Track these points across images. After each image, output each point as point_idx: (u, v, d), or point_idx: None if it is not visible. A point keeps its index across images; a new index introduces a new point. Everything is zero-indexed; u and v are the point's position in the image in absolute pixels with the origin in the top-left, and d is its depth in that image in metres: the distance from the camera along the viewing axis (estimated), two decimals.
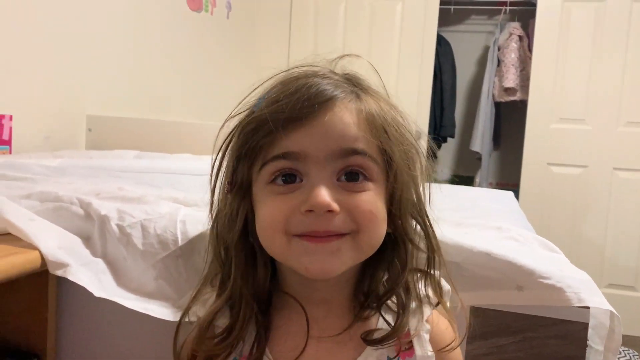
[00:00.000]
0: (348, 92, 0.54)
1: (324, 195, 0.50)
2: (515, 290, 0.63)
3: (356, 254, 0.52)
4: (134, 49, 2.14)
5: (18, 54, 1.60)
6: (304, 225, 0.51)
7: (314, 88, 0.53)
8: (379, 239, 0.53)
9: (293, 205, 0.51)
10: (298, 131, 0.52)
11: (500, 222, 0.83)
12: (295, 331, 0.56)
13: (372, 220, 0.51)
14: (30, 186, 0.88)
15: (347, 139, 0.52)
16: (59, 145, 1.76)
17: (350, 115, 0.53)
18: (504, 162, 3.79)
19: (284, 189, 0.52)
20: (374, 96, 0.57)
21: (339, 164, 0.52)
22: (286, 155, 0.52)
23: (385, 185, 0.54)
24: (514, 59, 3.25)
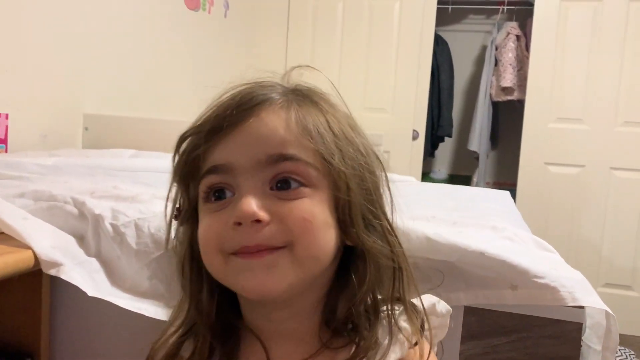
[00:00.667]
0: (279, 97, 0.51)
1: (249, 204, 0.46)
2: (509, 290, 0.63)
3: (297, 268, 0.47)
4: (131, 47, 2.13)
5: (15, 52, 1.59)
6: (235, 241, 0.47)
7: (239, 97, 0.50)
8: (320, 250, 0.48)
9: (224, 221, 0.48)
10: (222, 142, 0.49)
11: (495, 222, 0.83)
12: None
13: (306, 229, 0.47)
14: (24, 185, 0.87)
15: (274, 145, 0.48)
16: (55, 144, 1.75)
17: (278, 119, 0.49)
18: (501, 161, 3.79)
19: (217, 206, 0.49)
20: (317, 102, 0.52)
21: (268, 171, 0.48)
22: (214, 170, 0.49)
23: (329, 191, 0.49)
24: (512, 58, 3.25)
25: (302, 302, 0.51)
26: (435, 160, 3.90)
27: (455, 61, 3.56)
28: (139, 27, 2.18)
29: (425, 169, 3.36)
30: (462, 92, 3.83)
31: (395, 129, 3.02)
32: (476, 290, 0.65)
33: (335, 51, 3.15)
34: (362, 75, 3.11)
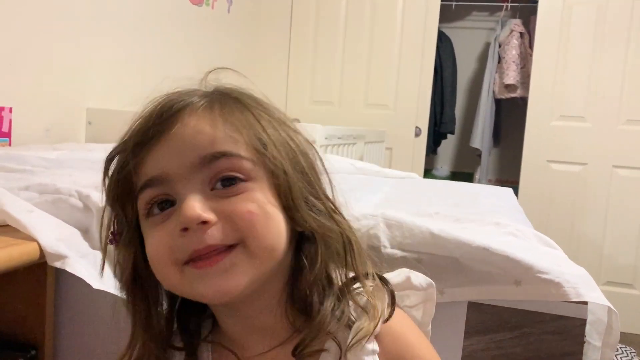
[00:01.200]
0: (201, 98, 0.50)
1: (192, 208, 0.45)
2: (513, 285, 0.63)
3: (254, 262, 0.47)
4: (134, 42, 2.13)
5: (18, 46, 1.60)
6: (186, 248, 0.46)
7: (159, 107, 0.49)
8: (272, 239, 0.47)
9: (171, 231, 0.47)
10: (151, 153, 0.48)
11: (498, 218, 0.83)
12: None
13: (254, 222, 0.46)
14: (28, 178, 0.88)
15: (204, 145, 0.47)
16: (59, 138, 1.75)
17: (203, 120, 0.48)
18: (504, 159, 3.79)
19: (161, 217, 0.48)
20: (239, 98, 0.52)
21: (205, 173, 0.47)
22: (149, 183, 0.48)
23: (269, 180, 0.49)
24: (515, 55, 3.24)
25: (268, 293, 0.50)
26: (438, 157, 3.90)
27: (458, 58, 3.55)
28: (143, 22, 2.18)
29: (427, 166, 3.35)
30: (465, 89, 3.82)
31: (398, 126, 3.03)
32: (480, 285, 0.65)
33: (337, 47, 3.15)
34: (364, 71, 3.11)
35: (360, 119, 3.03)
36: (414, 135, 3.03)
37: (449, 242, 0.66)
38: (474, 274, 0.65)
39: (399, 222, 0.69)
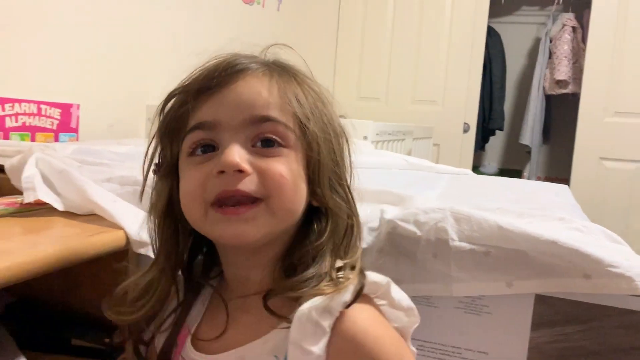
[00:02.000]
0: (262, 65, 0.55)
1: (234, 154, 0.49)
2: (582, 279, 0.64)
3: (271, 219, 0.51)
4: (190, 41, 2.20)
5: (85, 48, 1.68)
6: (217, 186, 0.50)
7: (226, 62, 0.54)
8: (293, 204, 0.52)
9: (208, 171, 0.51)
10: (210, 100, 0.53)
11: (561, 214, 0.84)
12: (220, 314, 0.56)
13: (282, 183, 0.51)
14: (108, 170, 0.93)
15: (258, 107, 0.52)
16: (121, 133, 1.83)
17: (261, 84, 0.53)
18: (553, 156, 3.71)
19: (202, 159, 0.52)
20: (295, 74, 0.57)
21: (251, 130, 0.52)
22: (200, 126, 0.52)
23: (303, 153, 0.53)
24: (567, 50, 3.18)
25: (266, 253, 0.54)
26: (485, 153, 3.86)
27: (507, 53, 3.50)
28: (198, 22, 2.24)
29: (475, 162, 3.33)
30: (514, 85, 3.76)
31: (446, 122, 3.01)
32: (548, 278, 0.66)
33: (385, 43, 3.15)
34: (412, 67, 3.10)
35: (407, 115, 3.03)
36: (462, 132, 3.01)
37: (517, 235, 0.67)
38: (543, 266, 0.66)
39: (467, 216, 0.71)
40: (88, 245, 0.69)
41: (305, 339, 0.47)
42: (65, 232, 0.74)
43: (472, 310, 0.71)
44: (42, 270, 0.63)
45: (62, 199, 0.82)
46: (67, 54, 1.62)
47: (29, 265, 0.62)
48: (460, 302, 0.72)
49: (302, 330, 0.47)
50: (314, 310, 0.47)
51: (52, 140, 1.58)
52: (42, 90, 1.53)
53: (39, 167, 0.87)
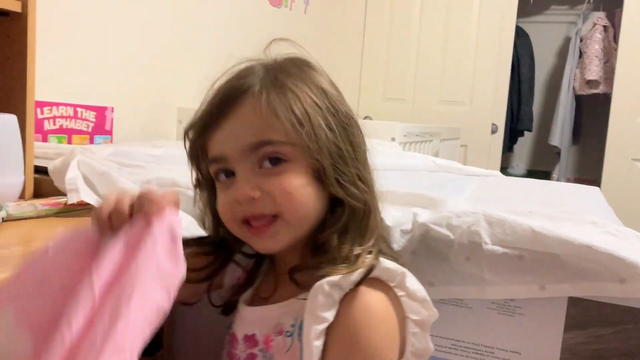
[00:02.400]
0: (254, 88, 0.59)
1: (243, 188, 0.58)
2: (617, 283, 0.64)
3: (291, 229, 0.59)
4: (219, 45, 2.24)
5: (119, 53, 1.72)
6: (240, 212, 0.59)
7: (223, 91, 0.61)
8: (304, 212, 0.59)
9: (231, 198, 0.59)
10: (215, 135, 0.60)
11: (594, 217, 0.84)
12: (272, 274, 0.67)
13: (290, 199, 0.58)
14: (146, 172, 0.96)
15: (252, 134, 0.58)
16: (153, 135, 1.88)
17: (252, 111, 0.58)
18: (583, 157, 3.66)
19: (225, 184, 0.61)
20: (289, 78, 0.60)
21: (253, 156, 0.58)
22: (214, 160, 0.61)
23: (306, 161, 0.59)
24: (598, 50, 3.13)
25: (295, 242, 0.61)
26: (514, 155, 3.82)
27: (536, 53, 3.47)
28: (227, 26, 2.28)
29: (503, 163, 3.30)
30: (543, 85, 3.72)
31: (474, 123, 2.99)
32: (582, 282, 0.66)
33: (412, 43, 3.15)
34: (439, 67, 3.09)
35: (434, 115, 3.02)
36: (490, 133, 2.99)
37: (551, 239, 0.68)
38: (576, 270, 0.66)
39: (500, 220, 0.71)
40: None
41: (318, 307, 0.54)
42: None
43: (505, 312, 0.72)
44: None
45: None
46: (101, 59, 1.66)
47: None
48: (493, 303, 0.72)
49: (316, 299, 0.54)
50: (326, 284, 0.54)
51: (88, 142, 1.62)
52: (78, 94, 1.58)
53: (80, 169, 0.91)
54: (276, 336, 0.60)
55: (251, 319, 0.64)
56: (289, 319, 0.60)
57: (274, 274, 0.66)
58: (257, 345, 0.62)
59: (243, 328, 0.65)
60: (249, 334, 0.63)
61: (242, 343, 0.64)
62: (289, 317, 0.60)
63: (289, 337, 0.59)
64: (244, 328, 0.64)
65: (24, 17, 0.92)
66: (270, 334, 0.61)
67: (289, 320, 0.59)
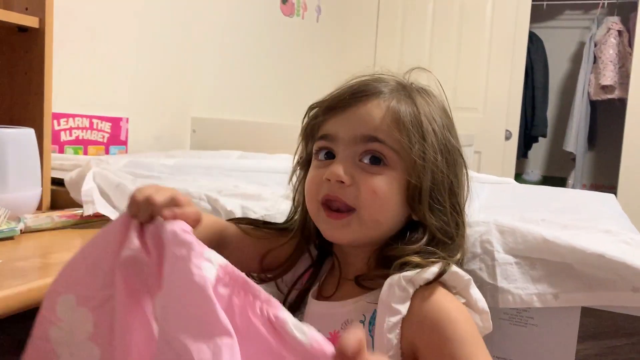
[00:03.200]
0: (386, 93, 0.63)
1: (338, 168, 0.60)
2: (630, 292, 0.64)
3: (362, 228, 0.61)
4: (232, 55, 2.26)
5: (133, 64, 1.75)
6: (323, 190, 0.62)
7: (357, 86, 0.64)
8: (381, 217, 0.61)
9: (321, 175, 0.62)
10: (335, 117, 0.64)
11: (608, 225, 0.83)
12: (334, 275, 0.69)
13: (372, 199, 0.60)
14: (161, 183, 0.97)
15: (369, 128, 0.61)
16: (167, 145, 1.90)
17: (378, 109, 0.62)
18: (599, 163, 3.63)
19: (321, 163, 0.64)
20: (416, 100, 0.64)
21: (360, 147, 0.61)
22: (324, 136, 0.64)
23: (405, 175, 0.61)
24: (612, 55, 3.11)
25: (363, 250, 0.64)
26: (529, 161, 3.79)
27: (550, 59, 3.45)
28: (240, 36, 2.30)
29: (518, 170, 3.28)
30: (557, 91, 3.70)
31: (488, 129, 2.98)
32: (595, 291, 0.66)
33: (425, 50, 3.14)
34: (452, 74, 3.07)
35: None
36: (504, 139, 2.97)
37: (563, 248, 0.67)
38: (589, 279, 0.66)
39: (512, 229, 0.71)
40: None
41: (393, 299, 0.56)
42: None
43: (518, 322, 0.71)
44: None
45: (119, 211, 0.86)
46: (116, 71, 1.69)
47: None
48: (505, 313, 0.72)
49: (391, 292, 0.57)
50: (402, 278, 0.57)
51: (103, 153, 1.65)
52: (93, 105, 1.61)
53: (96, 181, 0.92)
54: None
55: (320, 313, 0.66)
56: (358, 315, 0.62)
57: (336, 275, 0.68)
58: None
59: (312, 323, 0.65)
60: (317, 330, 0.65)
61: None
62: (357, 314, 0.62)
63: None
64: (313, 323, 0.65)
65: (41, 33, 0.94)
66: (337, 331, 0.62)
67: (357, 317, 0.62)
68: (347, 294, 0.64)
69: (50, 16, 0.95)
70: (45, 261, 0.72)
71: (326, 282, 0.70)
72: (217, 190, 0.93)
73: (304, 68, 2.83)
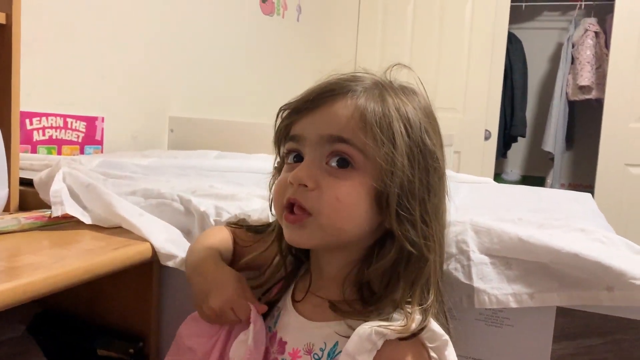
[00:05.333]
0: (356, 91, 0.60)
1: (301, 171, 0.59)
2: (605, 291, 0.63)
3: (321, 233, 0.59)
4: (211, 54, 2.24)
5: (109, 62, 1.72)
6: (285, 194, 0.60)
7: (326, 85, 0.62)
8: (343, 224, 0.58)
9: (285, 178, 0.61)
10: (304, 118, 0.61)
11: (583, 225, 0.83)
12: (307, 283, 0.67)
13: (334, 206, 0.58)
14: (132, 183, 0.95)
15: (335, 128, 0.58)
16: (144, 144, 1.87)
17: (345, 109, 0.59)
18: (577, 162, 3.67)
19: (290, 167, 0.62)
20: (389, 100, 0.60)
21: (326, 148, 0.59)
22: (292, 138, 0.62)
23: (373, 179, 0.58)
24: (590, 56, 3.14)
25: (337, 257, 0.63)
26: (508, 161, 3.82)
27: (529, 59, 3.48)
28: (219, 35, 2.28)
29: (497, 169, 3.30)
30: (536, 91, 3.73)
31: (467, 129, 2.99)
32: (570, 290, 0.65)
33: (405, 50, 3.14)
34: (432, 74, 3.08)
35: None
36: (484, 139, 2.99)
37: (538, 247, 0.67)
38: (564, 279, 0.66)
39: (487, 228, 0.71)
40: (114, 259, 0.71)
41: (360, 353, 0.54)
42: (92, 245, 0.76)
43: (494, 323, 0.71)
44: (70, 283, 0.65)
45: (89, 212, 0.84)
46: (91, 68, 1.65)
47: (58, 279, 0.64)
48: (481, 314, 0.72)
49: (360, 345, 0.54)
50: (374, 333, 0.54)
51: (78, 153, 1.61)
52: (67, 104, 1.57)
53: (66, 181, 0.90)
54: (305, 354, 0.61)
55: (293, 327, 0.65)
56: (320, 341, 0.60)
57: (307, 281, 0.67)
58: (282, 353, 0.63)
59: (285, 334, 0.65)
60: (284, 340, 0.64)
61: (276, 345, 0.65)
62: (319, 339, 0.60)
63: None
64: (284, 332, 0.65)
65: (8, 29, 0.91)
66: (299, 350, 0.62)
67: (319, 342, 0.60)
68: (320, 315, 0.62)
69: (18, 12, 0.92)
70: (11, 265, 0.69)
71: (299, 284, 0.69)
72: (191, 190, 0.92)
73: (284, 67, 2.81)
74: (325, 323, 0.61)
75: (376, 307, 0.57)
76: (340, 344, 0.58)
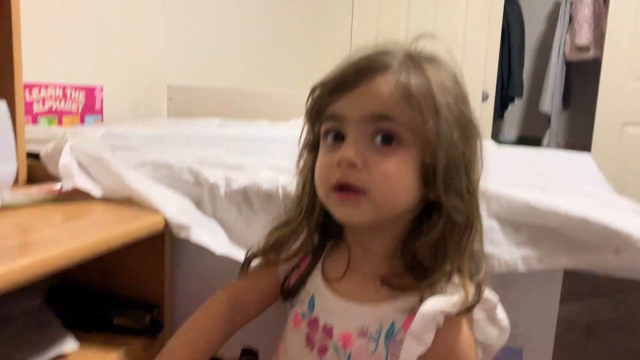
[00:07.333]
0: (394, 66, 0.59)
1: (348, 152, 0.58)
2: (612, 254, 0.65)
3: (374, 209, 0.58)
4: (209, 21, 2.20)
5: (107, 31, 1.69)
6: (334, 177, 0.59)
7: (362, 62, 0.60)
8: (394, 199, 0.58)
9: (331, 161, 0.60)
10: (342, 97, 0.60)
11: (587, 188, 0.85)
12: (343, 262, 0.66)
13: (383, 181, 0.57)
14: (138, 155, 0.95)
15: (378, 106, 0.58)
16: (143, 113, 1.86)
17: (387, 85, 0.58)
18: (574, 122, 3.67)
19: (332, 148, 0.61)
20: (427, 71, 0.59)
21: (370, 126, 0.58)
22: (332, 117, 0.61)
23: (419, 153, 0.58)
24: (588, 14, 3.11)
25: (383, 233, 0.62)
26: (504, 122, 3.82)
27: (526, 19, 3.44)
28: (216, 2, 2.24)
29: (494, 130, 3.30)
30: (534, 52, 3.71)
31: None
32: (577, 253, 0.67)
33: (402, 10, 3.10)
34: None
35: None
36: (481, 100, 2.98)
37: (547, 212, 0.68)
38: (572, 242, 0.67)
39: (496, 194, 0.72)
40: (129, 231, 0.72)
41: (426, 332, 0.55)
42: (105, 218, 0.77)
43: (502, 285, 0.73)
44: (86, 257, 0.66)
45: (99, 185, 0.84)
46: (89, 37, 1.63)
47: (75, 253, 0.65)
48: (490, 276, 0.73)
49: (425, 325, 0.55)
50: (439, 313, 0.55)
51: (78, 123, 1.61)
52: (66, 74, 1.56)
53: (74, 154, 0.90)
54: (359, 337, 0.60)
55: (335, 310, 0.64)
56: (375, 322, 0.60)
57: (344, 261, 0.66)
58: (331, 338, 0.63)
59: (329, 320, 0.64)
60: (329, 326, 0.63)
61: (321, 332, 0.64)
62: (374, 321, 0.60)
63: (373, 342, 0.60)
64: (326, 317, 0.64)
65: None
66: (351, 334, 0.61)
67: (374, 324, 0.60)
68: (368, 295, 0.62)
69: None
70: (26, 240, 0.70)
71: (330, 264, 0.68)
72: (199, 160, 0.92)
73: (282, 33, 2.77)
74: (377, 304, 0.61)
75: (429, 281, 0.58)
76: (396, 323, 0.59)
